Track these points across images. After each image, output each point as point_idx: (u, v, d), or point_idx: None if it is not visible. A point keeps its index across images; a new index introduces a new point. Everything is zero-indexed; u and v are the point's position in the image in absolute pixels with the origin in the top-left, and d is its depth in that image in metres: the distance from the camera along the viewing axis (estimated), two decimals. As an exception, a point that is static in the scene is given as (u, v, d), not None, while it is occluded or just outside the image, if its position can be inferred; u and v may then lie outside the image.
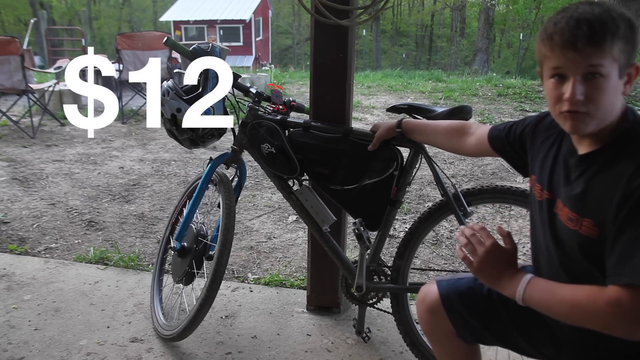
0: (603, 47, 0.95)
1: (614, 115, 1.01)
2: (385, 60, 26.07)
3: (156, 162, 4.55)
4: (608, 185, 0.97)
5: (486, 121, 5.79)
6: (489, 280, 1.10)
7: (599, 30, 0.95)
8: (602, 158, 1.01)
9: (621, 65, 0.98)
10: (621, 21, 0.96)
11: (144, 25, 31.42)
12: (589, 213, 1.00)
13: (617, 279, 0.93)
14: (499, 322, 1.24)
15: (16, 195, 3.68)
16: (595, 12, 0.96)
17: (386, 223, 1.81)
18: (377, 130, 1.75)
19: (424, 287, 1.37)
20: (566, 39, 0.96)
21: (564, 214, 1.06)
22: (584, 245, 1.02)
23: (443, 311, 1.29)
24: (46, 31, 14.25)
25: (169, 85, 1.88)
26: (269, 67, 12.24)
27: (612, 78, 0.97)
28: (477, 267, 1.10)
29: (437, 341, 1.37)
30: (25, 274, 2.54)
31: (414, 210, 3.45)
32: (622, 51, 0.97)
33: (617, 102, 1.00)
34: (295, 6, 29.31)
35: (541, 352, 1.23)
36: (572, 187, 1.06)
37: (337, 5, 1.72)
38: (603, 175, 1.00)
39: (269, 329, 2.12)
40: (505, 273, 1.08)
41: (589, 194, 1.01)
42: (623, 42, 0.96)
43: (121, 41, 5.96)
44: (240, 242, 3.00)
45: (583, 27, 0.95)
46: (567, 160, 1.09)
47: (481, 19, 17.69)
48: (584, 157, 1.04)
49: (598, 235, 0.99)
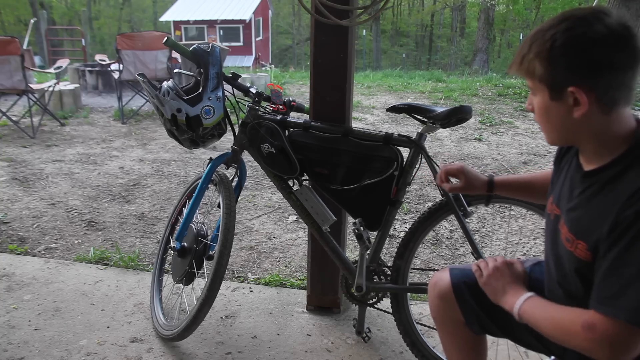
0: (521, 67, 0.99)
1: (613, 132, 0.96)
2: (385, 60, 26.07)
3: (156, 162, 4.55)
4: (605, 207, 0.94)
5: (486, 121, 5.79)
6: (493, 293, 1.17)
7: (518, 51, 1.00)
8: (603, 177, 0.97)
9: (550, 86, 0.95)
10: (546, 41, 0.93)
11: (144, 25, 31.41)
12: (583, 235, 0.98)
13: (597, 305, 0.94)
14: (507, 317, 1.23)
15: (16, 195, 3.68)
16: (532, 31, 0.99)
17: (386, 223, 1.81)
18: (453, 171, 1.50)
19: (436, 273, 1.37)
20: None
21: (564, 232, 1.05)
22: (579, 268, 1.01)
23: (454, 299, 1.29)
24: (46, 31, 14.28)
25: (169, 85, 1.88)
26: (269, 67, 12.23)
27: (543, 98, 0.98)
28: (485, 280, 1.18)
29: (445, 329, 1.36)
30: (25, 274, 2.54)
31: (414, 210, 3.45)
32: (546, 72, 0.94)
33: (563, 123, 0.97)
34: (295, 6, 29.30)
35: (547, 347, 1.23)
36: (572, 204, 1.04)
37: (337, 5, 1.72)
38: (601, 196, 0.96)
39: (269, 329, 2.12)
40: (508, 288, 1.13)
41: (586, 214, 0.99)
42: (544, 63, 0.94)
43: (121, 41, 5.96)
44: (240, 242, 3.00)
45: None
46: (573, 176, 1.07)
47: (481, 19, 17.70)
48: (588, 174, 1.01)
49: (591, 259, 0.97)
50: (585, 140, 0.99)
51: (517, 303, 1.08)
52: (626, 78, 0.92)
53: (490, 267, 1.17)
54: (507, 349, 1.89)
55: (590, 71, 0.91)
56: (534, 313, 1.06)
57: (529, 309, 1.06)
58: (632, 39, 0.90)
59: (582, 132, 0.98)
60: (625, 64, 0.91)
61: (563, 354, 1.19)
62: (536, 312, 1.05)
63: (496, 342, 1.86)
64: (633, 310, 0.89)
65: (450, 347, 1.38)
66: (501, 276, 1.15)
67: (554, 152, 1.22)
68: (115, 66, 6.27)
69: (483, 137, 5.26)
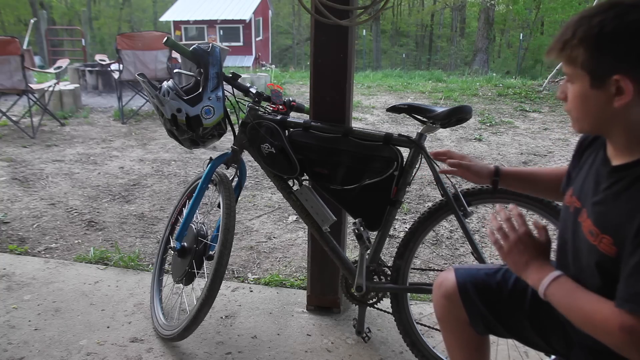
0: (562, 54, 0.97)
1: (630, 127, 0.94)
2: (385, 60, 26.07)
3: (156, 162, 4.55)
4: (634, 204, 0.91)
5: (486, 121, 5.79)
6: (516, 266, 1.11)
7: (559, 36, 0.97)
8: (633, 173, 0.95)
9: (593, 73, 0.94)
10: (593, 27, 0.91)
11: (144, 25, 31.41)
12: (610, 230, 0.95)
13: (624, 304, 0.90)
14: (513, 316, 1.22)
15: (16, 195, 3.68)
16: (575, 17, 0.96)
17: (386, 223, 1.81)
18: (456, 160, 1.48)
19: (442, 273, 1.35)
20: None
21: (586, 225, 1.02)
22: (602, 263, 0.98)
23: (459, 299, 1.28)
24: (46, 31, 14.28)
25: (169, 86, 1.88)
26: (269, 67, 12.23)
27: (582, 85, 0.96)
28: (507, 251, 1.11)
29: (449, 329, 1.35)
30: (25, 274, 2.54)
31: (414, 210, 3.45)
32: (590, 58, 0.93)
33: (600, 112, 0.96)
34: (295, 6, 29.30)
35: (553, 347, 1.22)
36: (598, 197, 1.01)
37: (337, 5, 1.72)
38: (631, 192, 0.94)
39: (269, 329, 2.12)
40: (533, 262, 1.08)
41: (614, 209, 0.96)
42: (589, 50, 0.92)
43: (121, 41, 5.96)
44: (240, 242, 3.00)
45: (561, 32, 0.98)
46: (599, 169, 1.05)
47: (481, 19, 17.70)
48: (616, 169, 0.99)
49: (616, 254, 0.94)
50: (619, 132, 0.97)
51: (543, 282, 1.03)
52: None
53: (512, 240, 1.11)
54: (507, 349, 1.89)
55: (638, 60, 0.89)
56: (562, 298, 1.01)
57: (557, 292, 1.02)
58: None
59: (618, 123, 0.96)
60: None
61: (568, 354, 1.18)
62: (565, 297, 1.01)
63: (496, 342, 1.86)
64: None
65: (453, 347, 1.38)
66: (525, 249, 1.09)
67: (554, 152, 1.22)
68: (115, 66, 6.27)
69: (483, 137, 5.26)
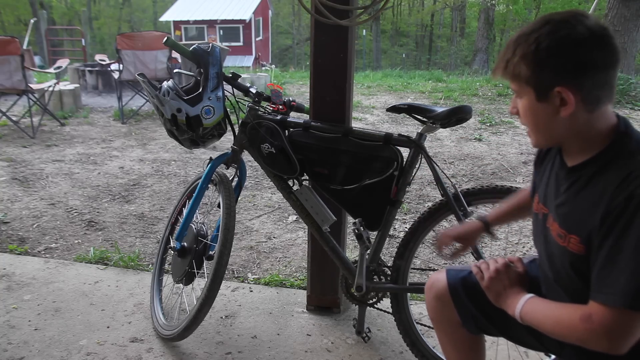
0: (506, 72, 1.01)
1: (596, 129, 0.98)
2: (385, 60, 26.06)
3: (156, 162, 4.55)
4: (594, 199, 0.96)
5: (486, 121, 5.79)
6: (495, 296, 1.17)
7: (501, 55, 1.01)
8: (589, 170, 1.00)
9: (537, 88, 0.98)
10: (530, 44, 0.95)
11: (144, 25, 31.39)
12: (575, 229, 1.00)
13: (594, 295, 0.95)
14: (504, 317, 1.24)
15: (16, 195, 3.68)
16: (514, 35, 1.01)
17: (386, 223, 1.81)
18: (452, 236, 1.56)
19: (433, 274, 1.38)
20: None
21: (554, 229, 1.07)
22: (574, 263, 1.02)
23: (450, 300, 1.31)
24: (46, 31, 14.28)
25: (169, 85, 1.88)
26: (269, 67, 12.22)
27: (530, 99, 1.00)
28: (486, 282, 1.17)
29: (443, 330, 1.38)
30: (25, 274, 2.54)
31: (414, 210, 3.45)
32: (532, 74, 0.97)
33: (550, 123, 1.00)
34: (295, 6, 29.29)
35: (546, 346, 1.24)
36: (560, 200, 1.06)
37: (337, 5, 1.72)
38: (589, 188, 0.99)
39: (269, 329, 2.12)
40: (510, 291, 1.14)
41: (576, 208, 1.01)
42: (530, 65, 0.96)
43: (121, 41, 5.96)
44: (240, 242, 3.00)
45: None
46: (558, 173, 1.10)
47: (481, 19, 17.70)
48: (573, 169, 1.04)
49: (585, 251, 0.98)
50: (571, 138, 1.02)
51: (517, 306, 1.09)
52: (608, 77, 0.96)
53: (492, 270, 1.17)
54: (507, 349, 1.89)
55: (575, 71, 0.94)
56: (534, 313, 1.06)
57: (529, 311, 1.07)
58: (611, 39, 0.95)
59: (568, 131, 1.00)
60: (607, 63, 0.95)
61: (560, 352, 1.19)
62: (536, 312, 1.06)
63: (496, 342, 1.86)
64: (630, 294, 0.89)
65: (448, 348, 1.40)
66: (502, 278, 1.16)
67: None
68: (115, 66, 6.27)
69: (483, 137, 5.26)
